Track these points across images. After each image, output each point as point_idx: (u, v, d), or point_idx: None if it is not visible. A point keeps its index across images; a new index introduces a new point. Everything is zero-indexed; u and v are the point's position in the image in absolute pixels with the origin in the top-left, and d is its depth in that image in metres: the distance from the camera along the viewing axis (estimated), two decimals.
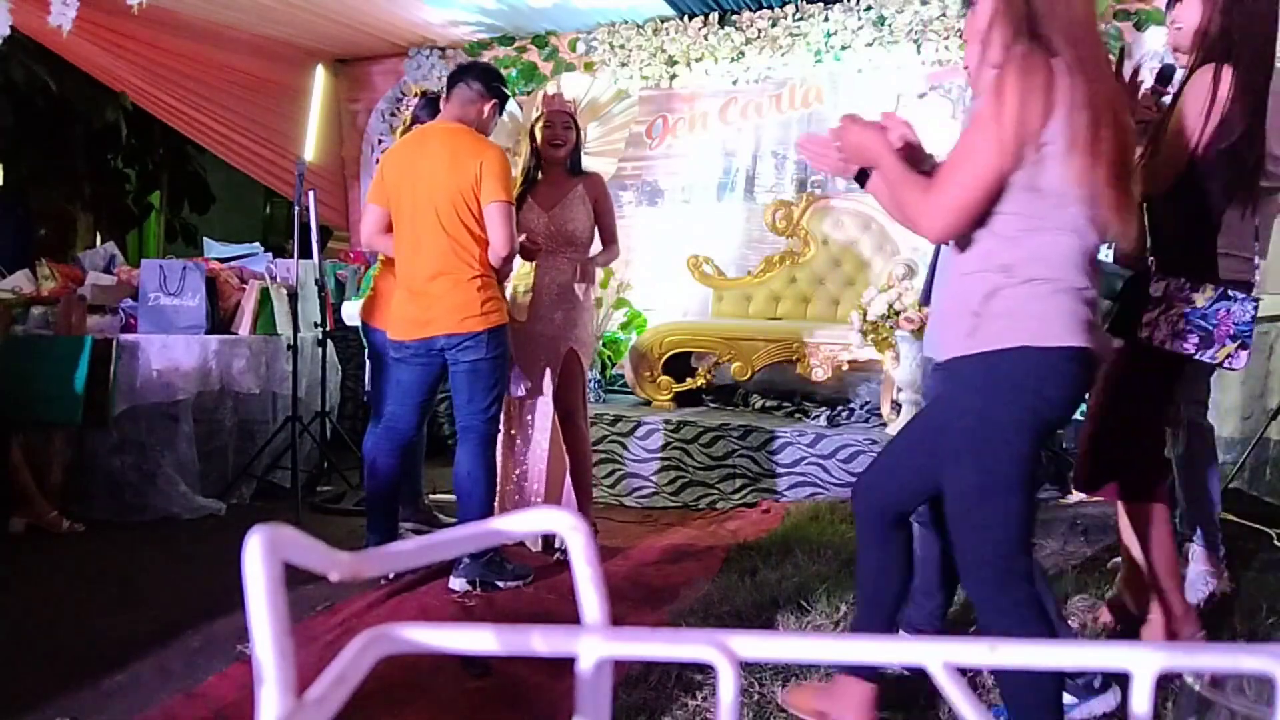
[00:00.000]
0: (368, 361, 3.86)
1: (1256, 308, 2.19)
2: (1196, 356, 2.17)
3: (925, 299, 2.23)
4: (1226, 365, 2.20)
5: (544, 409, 3.51)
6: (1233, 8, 2.18)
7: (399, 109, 6.55)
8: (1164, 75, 2.48)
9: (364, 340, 3.83)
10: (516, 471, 3.59)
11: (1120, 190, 1.58)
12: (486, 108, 3.13)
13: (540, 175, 3.56)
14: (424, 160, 3.05)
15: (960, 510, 1.68)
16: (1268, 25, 2.20)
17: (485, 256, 3.03)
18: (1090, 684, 2.05)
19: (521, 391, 3.51)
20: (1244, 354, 2.17)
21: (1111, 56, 4.72)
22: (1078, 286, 1.61)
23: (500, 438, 3.51)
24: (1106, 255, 2.35)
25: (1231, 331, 2.15)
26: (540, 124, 3.54)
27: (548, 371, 3.47)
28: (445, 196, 2.99)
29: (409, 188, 3.05)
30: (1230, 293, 2.16)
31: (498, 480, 3.48)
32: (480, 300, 3.01)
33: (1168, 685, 1.49)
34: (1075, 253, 1.60)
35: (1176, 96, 2.28)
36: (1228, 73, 2.16)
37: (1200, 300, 2.15)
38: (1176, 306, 2.16)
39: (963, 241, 1.67)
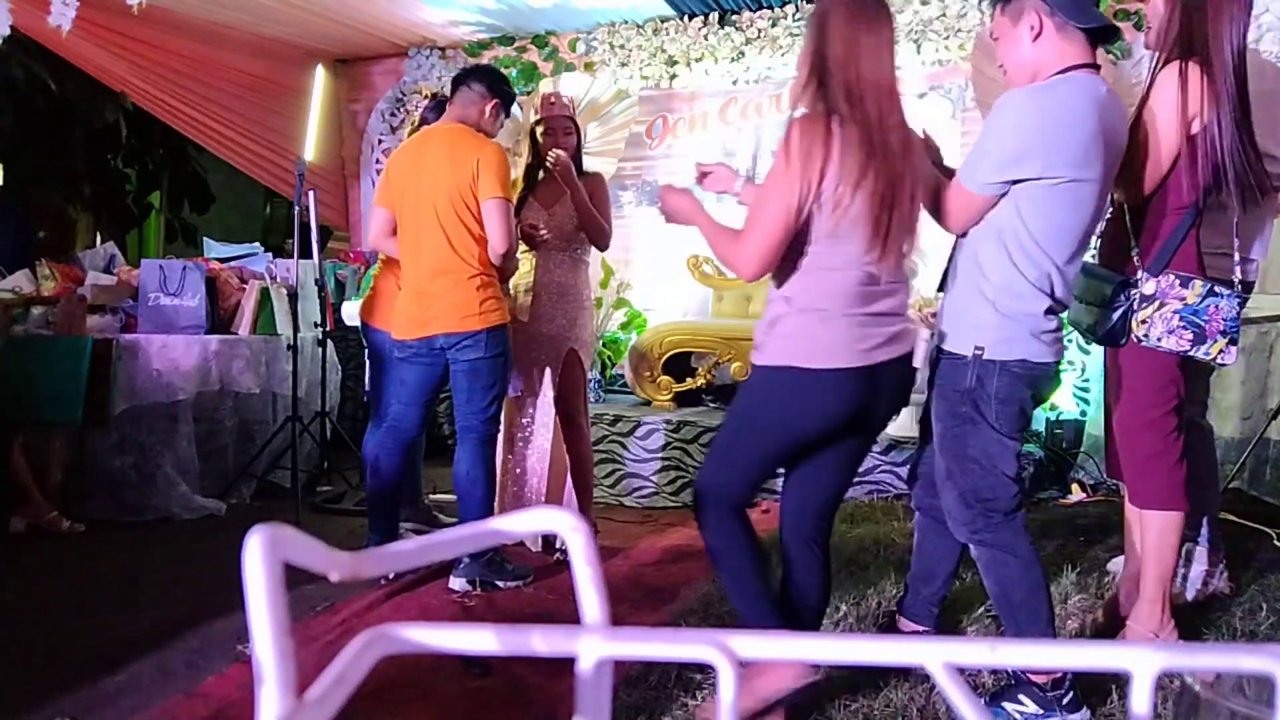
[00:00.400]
0: (368, 362, 3.86)
1: (1242, 303, 2.19)
2: (1191, 353, 2.19)
3: (941, 287, 2.26)
4: (1219, 361, 2.21)
5: (545, 409, 3.51)
6: (1191, 4, 2.19)
7: (399, 109, 6.55)
8: None
9: (364, 340, 3.83)
10: (517, 470, 3.59)
11: (885, 229, 1.86)
12: (488, 108, 3.13)
13: (541, 175, 3.56)
14: (425, 161, 3.06)
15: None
16: (1233, 19, 2.21)
17: (485, 255, 3.03)
18: (1060, 698, 2.04)
19: (516, 391, 3.51)
20: (1233, 349, 2.20)
21: (1111, 58, 4.73)
22: (851, 312, 1.90)
23: (501, 437, 3.51)
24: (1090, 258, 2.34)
25: (1221, 327, 2.18)
26: (540, 129, 3.54)
27: (549, 371, 3.47)
28: (444, 195, 2.99)
29: (412, 188, 3.06)
30: (1217, 289, 2.18)
31: (498, 480, 3.48)
32: (479, 300, 3.01)
33: (1167, 685, 1.49)
34: (851, 283, 1.90)
35: (1143, 102, 2.27)
36: (1194, 70, 2.16)
37: (1191, 297, 2.18)
38: (1169, 304, 2.18)
39: (774, 270, 1.99)
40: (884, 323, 1.94)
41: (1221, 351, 2.19)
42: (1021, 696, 2.05)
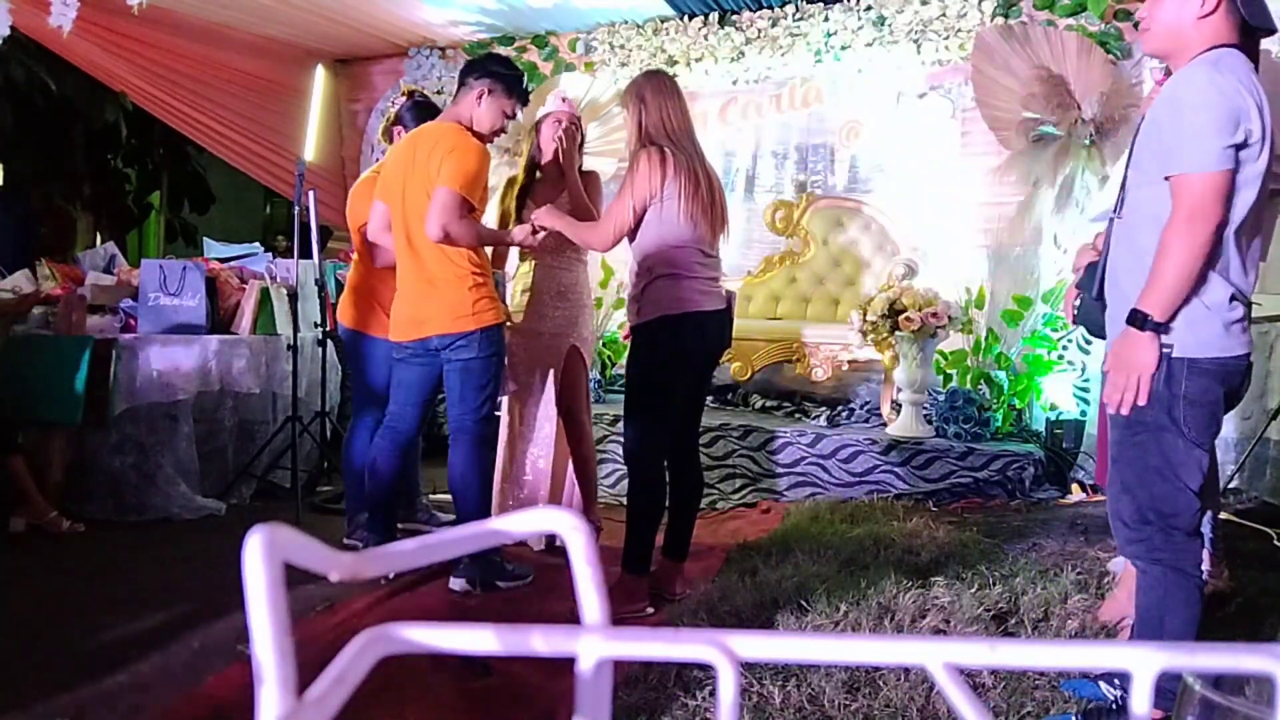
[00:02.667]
0: (340, 364, 3.82)
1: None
2: None
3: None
4: None
5: (547, 408, 3.51)
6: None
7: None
8: None
9: (341, 342, 3.75)
10: (520, 470, 3.59)
11: (710, 216, 2.82)
12: (481, 92, 3.07)
13: (540, 175, 3.56)
14: (415, 161, 3.04)
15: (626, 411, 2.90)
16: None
17: (476, 255, 3.02)
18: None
19: (508, 390, 3.51)
20: None
21: (1111, 58, 4.72)
22: (694, 275, 2.78)
23: (503, 437, 3.51)
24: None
25: None
26: (550, 120, 3.53)
27: (551, 371, 3.47)
28: (428, 195, 2.98)
29: (399, 188, 3.05)
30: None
31: (500, 480, 3.48)
32: (472, 300, 3.00)
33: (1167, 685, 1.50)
34: (690, 256, 2.78)
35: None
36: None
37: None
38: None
39: (636, 254, 2.84)
40: (713, 284, 2.83)
41: None
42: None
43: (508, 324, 3.33)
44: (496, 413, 3.24)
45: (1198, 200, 1.80)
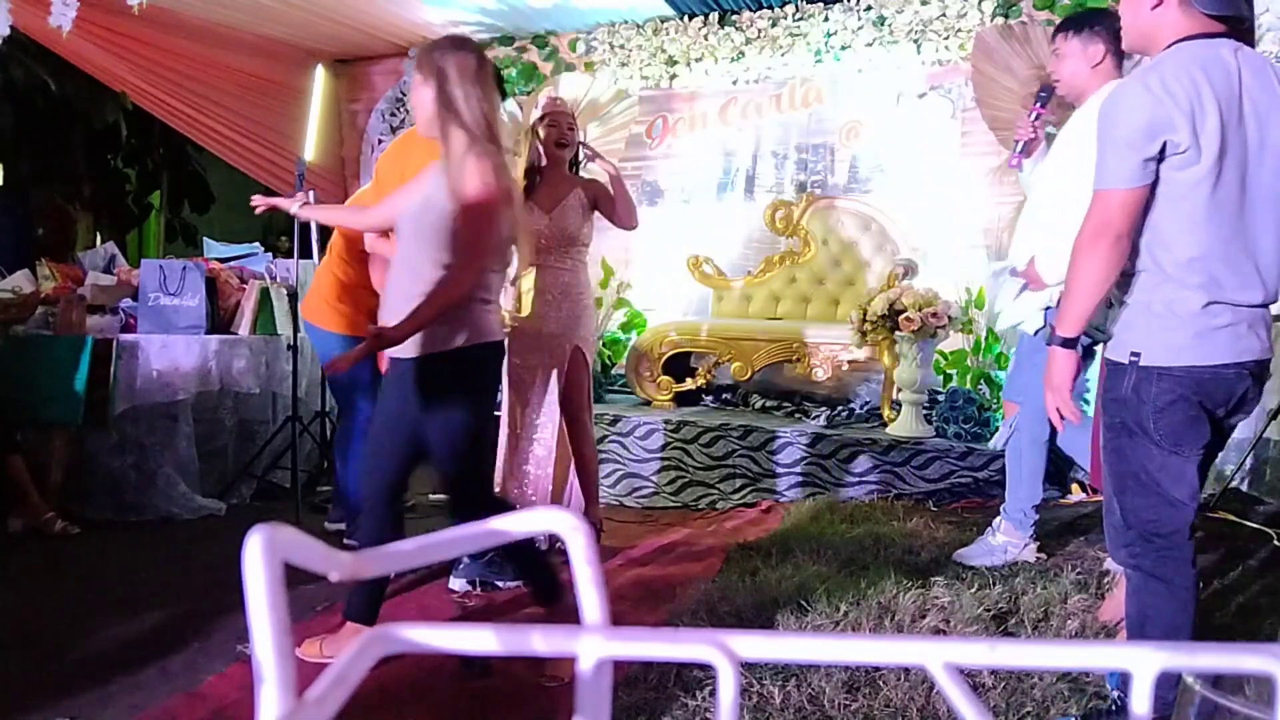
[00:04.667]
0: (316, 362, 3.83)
1: None
2: None
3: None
4: None
5: (550, 408, 3.51)
6: None
7: (399, 109, 6.55)
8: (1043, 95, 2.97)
9: (312, 341, 3.71)
10: (522, 471, 3.58)
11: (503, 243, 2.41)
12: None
13: (540, 178, 3.57)
14: (407, 163, 3.04)
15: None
16: None
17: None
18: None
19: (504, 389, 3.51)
20: None
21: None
22: (489, 299, 2.39)
23: (505, 437, 3.50)
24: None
25: None
26: (544, 123, 3.54)
27: (554, 371, 3.47)
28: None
29: (393, 190, 3.05)
30: None
31: (501, 481, 3.48)
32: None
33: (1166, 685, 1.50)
34: (496, 277, 2.43)
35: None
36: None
37: None
38: None
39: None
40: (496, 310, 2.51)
41: None
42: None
43: (507, 325, 3.33)
44: (496, 413, 3.24)
45: (1099, 216, 1.82)
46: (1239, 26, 1.85)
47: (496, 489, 3.43)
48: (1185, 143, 1.74)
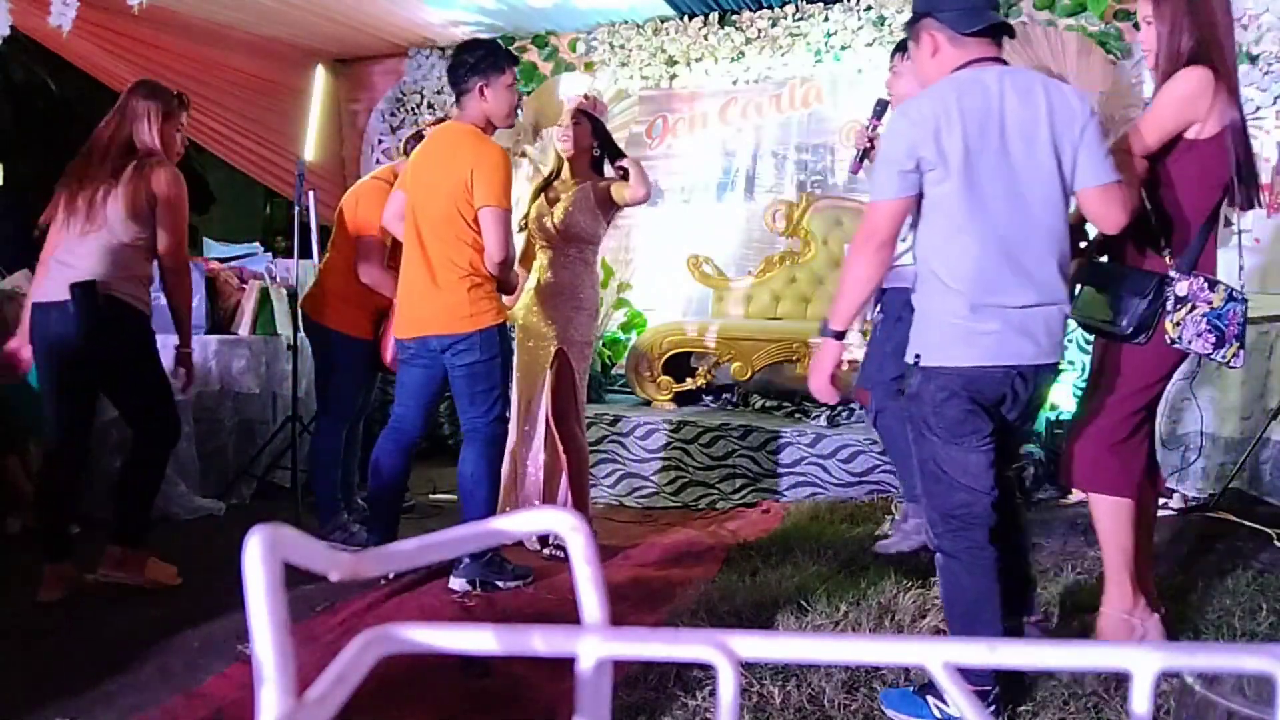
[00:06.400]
0: (312, 359, 3.76)
1: (1247, 307, 2.25)
2: (1212, 356, 2.23)
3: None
4: (1232, 364, 2.26)
5: (542, 411, 3.51)
6: (1201, 18, 2.19)
7: (399, 109, 6.55)
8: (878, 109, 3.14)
9: (309, 337, 3.69)
10: (522, 472, 3.58)
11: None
12: (484, 91, 3.07)
13: (557, 177, 3.58)
14: (430, 161, 3.07)
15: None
16: (1230, 32, 2.24)
17: (480, 260, 3.02)
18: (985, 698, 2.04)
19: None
20: (1243, 354, 2.25)
21: (1111, 58, 4.71)
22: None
23: (511, 438, 3.49)
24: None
25: (1236, 332, 2.21)
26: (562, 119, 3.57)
27: (547, 371, 3.47)
28: (440, 199, 3.00)
29: (418, 186, 3.07)
30: (1234, 293, 2.21)
31: (503, 482, 3.47)
32: (470, 301, 3.00)
33: (1168, 685, 1.49)
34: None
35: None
36: (1207, 74, 2.15)
37: (1217, 300, 2.20)
38: (1199, 306, 2.19)
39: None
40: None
41: (1235, 355, 2.23)
42: (946, 695, 2.03)
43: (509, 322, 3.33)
44: (507, 414, 3.24)
45: (868, 224, 2.08)
46: (1005, 34, 2.10)
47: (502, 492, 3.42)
48: (934, 162, 1.97)
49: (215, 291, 4.48)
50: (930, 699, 2.07)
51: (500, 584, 3.11)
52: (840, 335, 2.13)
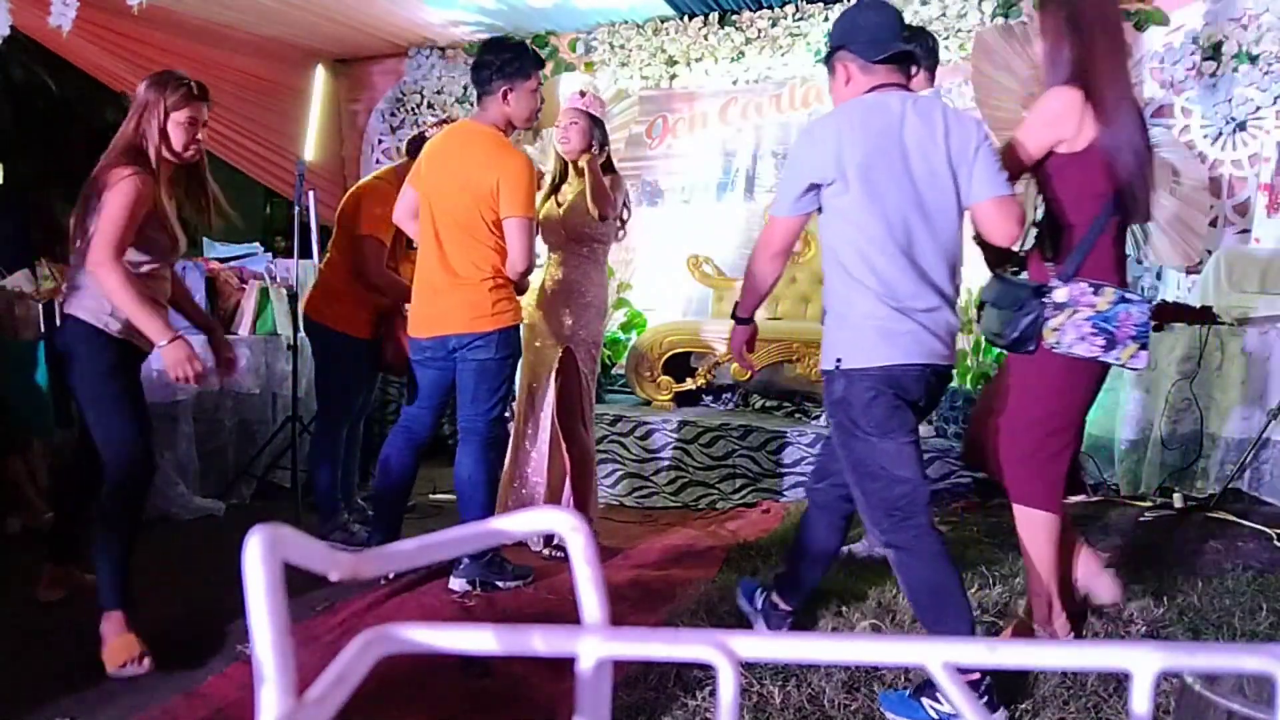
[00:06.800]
0: (313, 359, 3.74)
1: (1151, 309, 2.31)
2: (1103, 358, 2.27)
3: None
4: (1130, 366, 2.30)
5: (547, 410, 3.50)
6: (1081, 40, 2.30)
7: (399, 109, 6.55)
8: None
9: (310, 337, 3.67)
10: (523, 472, 3.58)
11: None
12: (508, 95, 3.05)
13: (569, 175, 3.58)
14: (452, 161, 3.04)
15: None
16: (1114, 56, 2.34)
17: (500, 263, 3.02)
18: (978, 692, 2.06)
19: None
20: (1144, 354, 2.29)
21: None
22: None
23: (511, 438, 3.49)
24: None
25: (1133, 333, 2.26)
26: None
27: (551, 372, 3.46)
28: (462, 202, 2.98)
29: (436, 185, 3.06)
30: (1128, 296, 2.27)
31: (504, 482, 3.47)
32: (492, 300, 3.00)
33: (1168, 686, 1.49)
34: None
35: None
36: (1075, 93, 2.28)
37: (1102, 304, 2.26)
38: (1081, 310, 2.26)
39: None
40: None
41: (1133, 356, 2.27)
42: (939, 695, 2.07)
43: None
44: (506, 415, 3.24)
45: (765, 234, 2.35)
46: (913, 62, 2.32)
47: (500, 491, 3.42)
48: (833, 177, 2.13)
49: (215, 291, 4.48)
50: (924, 700, 2.08)
51: (500, 584, 3.10)
52: (746, 321, 2.57)
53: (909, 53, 2.26)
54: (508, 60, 3.04)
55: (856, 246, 2.14)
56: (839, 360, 2.17)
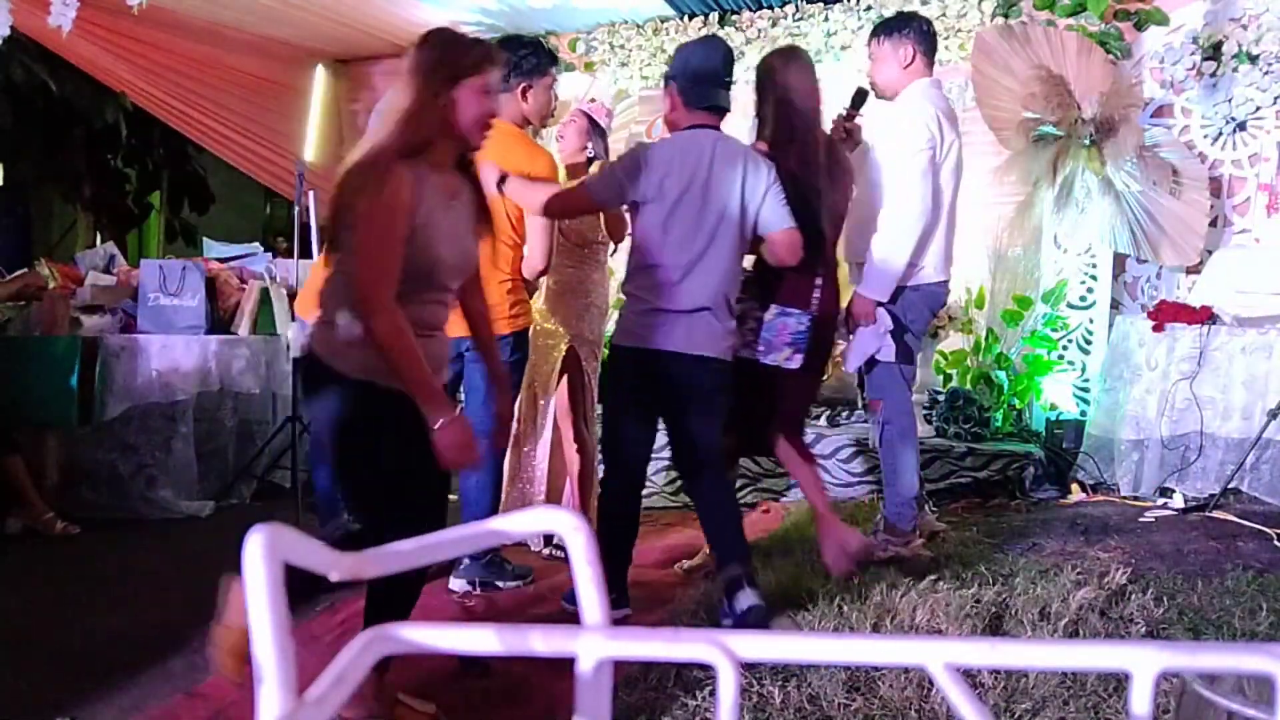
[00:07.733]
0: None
1: (811, 321, 2.76)
2: (763, 360, 2.77)
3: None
4: (785, 366, 2.76)
5: (549, 409, 3.50)
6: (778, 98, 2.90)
7: None
8: (856, 99, 3.32)
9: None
10: (525, 472, 3.57)
11: None
12: (527, 93, 3.03)
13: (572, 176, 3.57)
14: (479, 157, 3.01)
15: None
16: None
17: (518, 263, 3.02)
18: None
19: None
20: (799, 356, 2.78)
21: (1111, 58, 4.71)
22: None
23: (511, 439, 3.48)
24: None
25: (789, 340, 2.77)
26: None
27: (555, 371, 3.46)
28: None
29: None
30: (787, 310, 2.75)
31: (506, 483, 3.46)
32: (509, 303, 2.99)
33: (1168, 685, 1.49)
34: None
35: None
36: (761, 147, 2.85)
37: (767, 317, 2.79)
38: (749, 323, 2.79)
39: None
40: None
41: (787, 359, 2.78)
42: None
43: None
44: (511, 416, 3.22)
45: (570, 194, 2.84)
46: (724, 110, 2.77)
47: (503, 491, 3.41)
48: (654, 198, 2.59)
49: (215, 291, 4.48)
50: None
51: (500, 584, 3.10)
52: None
53: (723, 107, 2.74)
54: (525, 57, 3.03)
55: (649, 251, 2.60)
56: (614, 338, 2.73)
